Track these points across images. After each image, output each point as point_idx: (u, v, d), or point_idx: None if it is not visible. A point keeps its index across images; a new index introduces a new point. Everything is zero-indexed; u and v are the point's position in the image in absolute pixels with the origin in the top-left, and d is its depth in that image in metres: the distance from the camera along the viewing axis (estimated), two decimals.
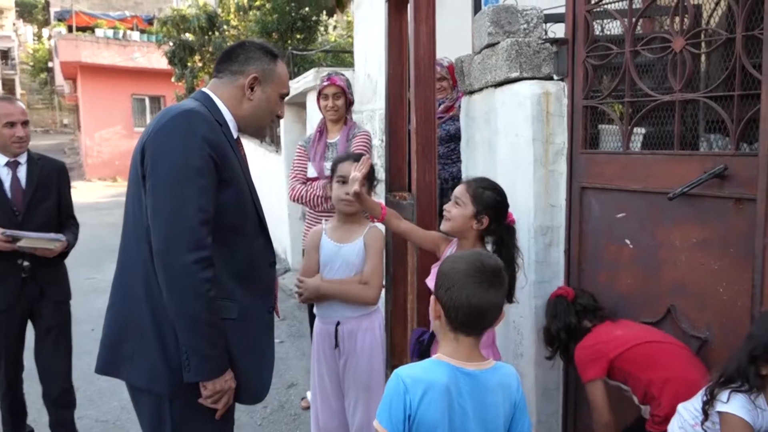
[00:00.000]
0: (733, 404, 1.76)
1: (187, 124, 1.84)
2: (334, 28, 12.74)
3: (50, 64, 30.06)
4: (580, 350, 2.36)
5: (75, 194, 3.53)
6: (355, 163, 2.67)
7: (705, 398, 1.84)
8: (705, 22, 2.34)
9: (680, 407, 1.97)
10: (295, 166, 3.91)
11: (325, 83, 3.82)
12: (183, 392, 1.87)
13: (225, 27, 12.52)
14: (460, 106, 3.54)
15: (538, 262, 2.74)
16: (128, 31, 23.54)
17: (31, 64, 34.07)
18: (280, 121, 7.94)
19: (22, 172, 3.19)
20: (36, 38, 36.00)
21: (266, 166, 8.83)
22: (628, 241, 2.49)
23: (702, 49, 2.26)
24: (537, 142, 2.71)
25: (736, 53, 2.05)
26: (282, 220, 8.02)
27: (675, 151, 2.28)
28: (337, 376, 2.81)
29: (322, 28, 11.71)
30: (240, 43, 2.09)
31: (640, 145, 2.53)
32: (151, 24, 22.35)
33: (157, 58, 17.09)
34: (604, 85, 2.60)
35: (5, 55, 34.72)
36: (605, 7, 2.56)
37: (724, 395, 1.78)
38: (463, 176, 3.42)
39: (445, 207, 2.49)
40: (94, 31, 23.12)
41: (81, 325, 4.64)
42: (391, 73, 3.54)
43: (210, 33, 12.56)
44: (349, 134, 3.81)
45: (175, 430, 1.91)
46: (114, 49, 21.84)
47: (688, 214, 2.24)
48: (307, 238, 2.88)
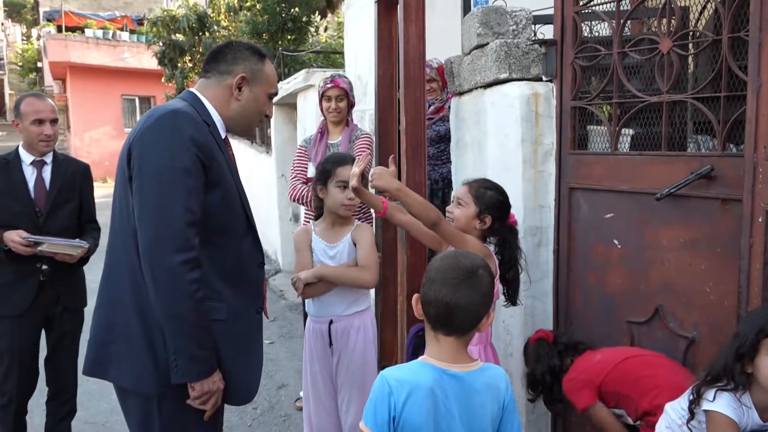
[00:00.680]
0: (719, 403, 1.78)
1: (174, 125, 1.82)
2: (325, 29, 12.74)
3: (39, 65, 29.87)
4: (567, 382, 2.38)
5: None
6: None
7: (691, 397, 1.85)
8: (692, 24, 2.36)
9: (667, 407, 1.98)
10: (296, 166, 3.90)
11: (328, 85, 3.80)
12: (171, 393, 1.86)
13: (215, 28, 12.51)
14: (449, 107, 3.55)
15: (528, 263, 2.74)
16: (118, 32, 23.44)
17: (20, 64, 33.85)
18: (271, 122, 7.95)
19: (47, 173, 3.07)
20: (25, 38, 35.78)
21: (257, 167, 8.81)
22: (616, 242, 2.50)
23: (689, 51, 2.28)
24: (526, 143, 2.72)
25: (722, 55, 2.07)
26: (272, 222, 8.01)
27: (663, 152, 2.29)
28: (330, 375, 2.80)
29: (312, 29, 11.71)
30: (227, 42, 2.08)
31: (628, 146, 2.54)
32: (141, 24, 22.26)
33: (147, 59, 17.02)
34: (592, 87, 2.62)
35: None
36: (593, 8, 2.57)
37: (711, 394, 1.79)
38: (453, 177, 3.43)
39: (448, 208, 2.49)
40: (83, 32, 23.01)
41: None
42: (381, 74, 3.55)
43: (200, 34, 12.54)
44: (352, 136, 3.81)
45: (163, 431, 1.90)
46: (104, 50, 21.73)
47: (676, 215, 2.25)
48: (297, 237, 2.86)
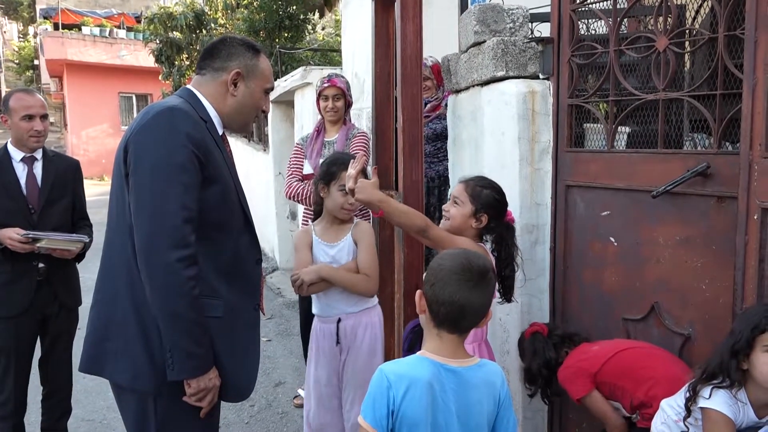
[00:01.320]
0: (715, 400, 1.78)
1: (170, 122, 1.82)
2: (323, 28, 12.73)
3: (36, 62, 29.80)
4: (562, 372, 2.38)
5: None
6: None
7: (687, 394, 1.86)
8: (688, 22, 2.37)
9: (663, 403, 1.99)
10: (292, 164, 3.90)
11: (325, 84, 3.81)
12: (167, 390, 1.86)
13: (212, 25, 12.50)
14: (446, 105, 3.55)
15: (524, 260, 2.75)
16: (115, 29, 23.40)
17: (17, 61, 33.76)
18: (268, 120, 7.95)
19: (38, 169, 3.03)
20: (21, 36, 35.69)
21: (254, 165, 8.81)
22: (612, 239, 2.51)
23: (685, 49, 2.28)
24: (523, 141, 2.73)
25: (718, 53, 2.07)
26: (269, 219, 8.01)
27: (659, 150, 2.30)
28: (336, 373, 2.78)
29: (309, 27, 11.69)
30: (221, 38, 2.08)
31: (624, 143, 2.55)
32: (139, 22, 22.23)
33: (144, 56, 17.02)
34: (589, 84, 2.62)
35: None
36: (590, 6, 2.58)
37: (706, 391, 1.80)
38: (450, 175, 3.43)
39: (444, 207, 2.49)
40: (80, 29, 22.95)
41: None
42: (378, 71, 3.54)
43: (197, 31, 12.52)
44: (348, 134, 3.82)
45: (159, 429, 1.90)
46: (101, 47, 21.71)
47: (672, 212, 2.26)
48: (296, 238, 2.85)
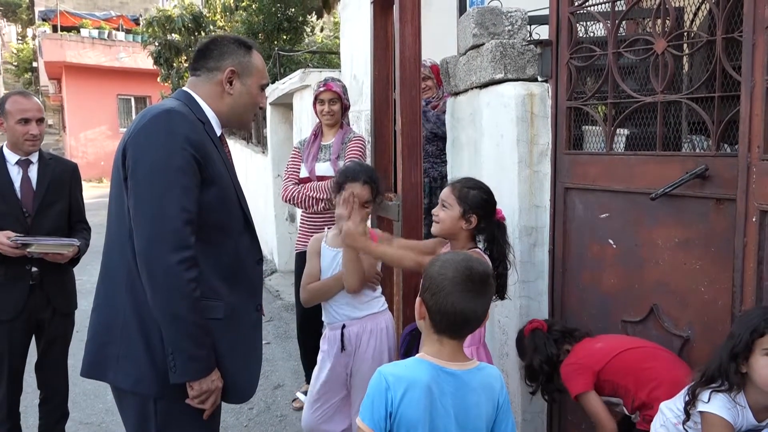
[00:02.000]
0: (714, 404, 1.78)
1: (168, 124, 1.82)
2: (321, 30, 12.74)
3: (34, 64, 29.77)
4: (565, 367, 2.36)
5: None
6: (366, 186, 2.68)
7: (687, 398, 1.86)
8: (686, 25, 2.37)
9: (662, 406, 1.99)
10: (289, 167, 3.92)
11: (321, 89, 3.82)
12: (168, 393, 1.86)
13: (211, 27, 12.49)
14: (445, 103, 3.56)
15: (523, 262, 2.76)
16: (114, 31, 23.40)
17: (15, 64, 33.74)
18: (267, 122, 7.95)
19: (33, 172, 3.01)
20: (20, 38, 35.67)
21: (253, 167, 8.81)
22: (611, 241, 2.51)
23: (684, 51, 2.28)
24: (521, 143, 2.73)
25: (716, 55, 2.08)
26: (269, 221, 8.01)
27: (657, 152, 2.30)
28: (342, 381, 2.79)
29: (308, 29, 11.70)
30: (212, 38, 2.07)
31: (623, 146, 2.55)
32: (137, 24, 22.25)
33: (142, 58, 17.01)
34: (587, 87, 2.63)
35: None
36: (588, 9, 2.58)
37: (705, 395, 1.80)
38: (449, 177, 3.43)
39: (433, 211, 2.50)
40: (79, 31, 22.96)
41: None
42: (377, 74, 3.55)
43: (196, 33, 12.52)
44: (344, 138, 3.83)
45: (160, 431, 1.90)
46: (99, 49, 21.72)
47: (671, 214, 2.26)
48: (309, 245, 2.86)
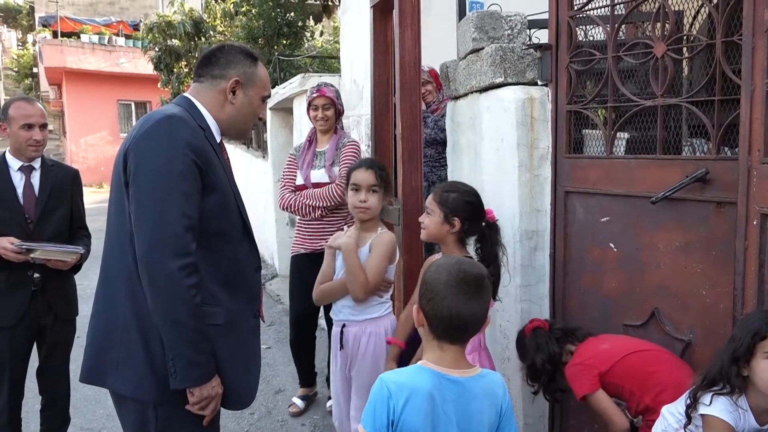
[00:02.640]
0: (716, 407, 1.78)
1: (170, 130, 1.82)
2: (321, 34, 12.75)
3: (35, 70, 29.83)
4: (570, 368, 2.34)
5: None
6: (369, 170, 2.71)
7: (688, 401, 1.85)
8: (686, 28, 2.37)
9: (664, 410, 1.98)
10: (285, 175, 3.92)
11: (314, 95, 3.83)
12: (168, 399, 1.85)
13: (211, 33, 12.51)
14: (445, 107, 3.56)
15: (524, 266, 2.76)
16: (114, 37, 23.42)
17: (16, 69, 33.79)
18: (267, 127, 7.96)
19: (36, 178, 3.02)
20: (20, 44, 35.75)
21: (253, 172, 8.81)
22: (612, 245, 2.51)
23: (683, 55, 2.29)
24: (522, 147, 2.73)
25: (716, 59, 2.08)
26: (269, 226, 8.00)
27: (658, 156, 2.30)
28: (345, 377, 2.82)
29: (308, 34, 11.72)
30: (219, 46, 2.07)
31: (623, 149, 2.55)
32: (137, 29, 22.28)
33: (143, 64, 17.04)
34: (587, 91, 2.63)
35: None
36: (588, 13, 2.58)
37: (707, 398, 1.80)
38: (449, 180, 3.43)
39: (420, 219, 2.54)
40: (79, 37, 22.97)
41: None
42: (377, 78, 3.56)
43: (196, 39, 12.54)
44: (338, 143, 3.83)
45: None
46: (99, 55, 21.74)
47: (671, 218, 2.26)
48: (328, 244, 2.87)
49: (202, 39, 12.48)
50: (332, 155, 3.79)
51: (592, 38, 2.64)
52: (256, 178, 8.68)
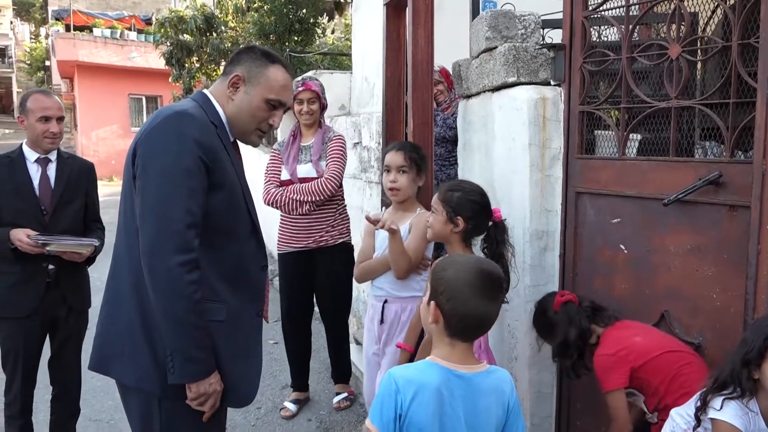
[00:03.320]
0: (727, 412, 1.77)
1: (178, 126, 1.82)
2: (332, 31, 12.76)
3: (47, 63, 30.01)
4: (602, 358, 2.27)
5: None
6: (399, 152, 2.79)
7: (698, 404, 1.85)
8: (701, 30, 2.36)
9: (673, 412, 1.98)
10: (269, 170, 3.87)
11: (300, 88, 3.79)
12: (172, 392, 1.86)
13: (223, 28, 12.53)
14: (456, 106, 3.56)
15: (533, 266, 2.75)
16: (126, 31, 23.52)
17: (28, 62, 34.01)
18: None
19: (52, 170, 3.05)
20: (33, 37, 35.97)
21: (262, 167, 8.79)
22: (623, 246, 2.50)
23: (698, 57, 2.27)
24: (533, 147, 2.72)
25: (731, 61, 2.07)
26: (276, 222, 8.00)
27: (670, 158, 2.29)
28: (377, 352, 2.88)
29: (319, 31, 11.72)
30: (246, 46, 2.09)
31: (635, 151, 2.54)
32: (149, 24, 22.34)
33: (154, 58, 17.06)
34: (600, 91, 2.62)
35: (2, 53, 34.65)
36: (602, 13, 2.57)
37: (718, 402, 1.79)
38: (460, 179, 3.43)
39: (426, 217, 2.56)
40: (91, 31, 23.09)
41: None
42: (389, 76, 3.56)
43: (207, 34, 12.55)
44: (325, 138, 3.82)
45: (164, 430, 1.90)
46: (111, 49, 21.82)
47: (683, 221, 2.25)
48: (366, 224, 2.91)
49: (214, 34, 12.49)
50: (319, 149, 3.76)
51: (606, 39, 2.63)
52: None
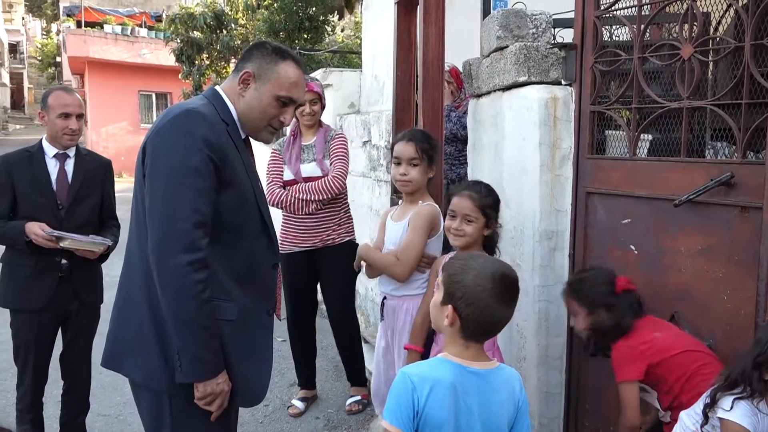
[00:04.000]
0: (736, 412, 1.77)
1: (187, 125, 1.82)
2: (342, 29, 12.77)
3: (58, 59, 30.15)
4: (620, 348, 2.24)
5: None
6: (409, 143, 2.72)
7: (707, 401, 1.85)
8: (713, 30, 2.35)
9: (683, 414, 1.97)
10: (271, 170, 3.84)
11: None
12: (182, 390, 1.86)
13: (233, 26, 12.58)
14: (467, 105, 3.55)
15: (543, 266, 2.75)
16: (137, 28, 23.62)
17: (40, 58, 34.20)
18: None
19: (70, 166, 3.08)
20: (44, 33, 36.16)
21: (263, 161, 8.81)
22: (633, 247, 2.49)
23: (710, 57, 2.26)
24: (544, 147, 2.72)
25: (744, 62, 2.06)
26: (279, 222, 8.02)
27: (681, 158, 2.28)
28: (387, 348, 2.90)
29: (329, 29, 11.74)
30: (257, 42, 2.07)
31: (646, 151, 2.54)
32: (160, 21, 22.43)
33: (164, 55, 17.16)
34: (611, 91, 2.61)
35: (14, 49, 34.87)
36: (614, 13, 2.57)
37: (727, 402, 1.79)
38: (469, 179, 3.42)
39: (455, 226, 2.50)
40: (102, 27, 23.20)
41: None
42: (399, 74, 3.56)
43: (218, 31, 12.61)
44: (327, 136, 3.82)
45: (174, 427, 1.91)
46: (122, 46, 21.94)
47: (694, 221, 2.24)
48: (381, 218, 2.96)
49: (224, 32, 12.54)
50: (322, 148, 3.76)
51: (617, 38, 2.62)
52: None
